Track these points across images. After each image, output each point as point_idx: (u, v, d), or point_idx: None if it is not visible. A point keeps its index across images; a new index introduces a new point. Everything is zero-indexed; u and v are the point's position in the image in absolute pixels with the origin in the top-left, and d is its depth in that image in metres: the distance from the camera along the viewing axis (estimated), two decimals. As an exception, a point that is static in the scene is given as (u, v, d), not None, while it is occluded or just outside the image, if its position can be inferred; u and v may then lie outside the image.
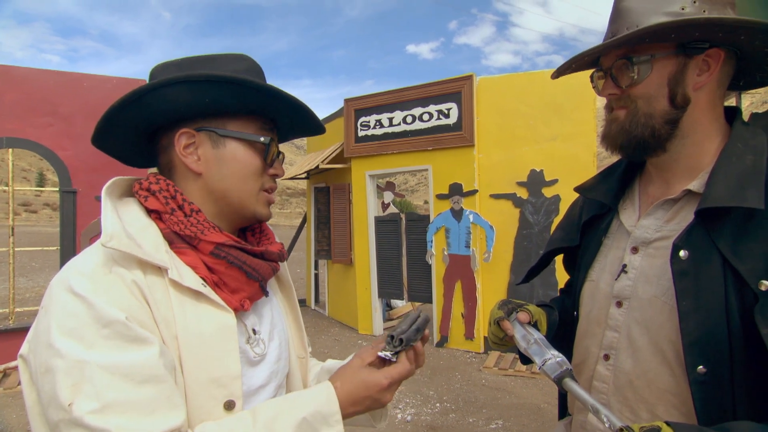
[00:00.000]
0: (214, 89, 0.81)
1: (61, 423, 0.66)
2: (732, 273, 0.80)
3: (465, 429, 3.91)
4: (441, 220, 6.18)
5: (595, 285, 1.04)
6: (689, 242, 0.85)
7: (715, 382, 0.80)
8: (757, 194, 0.79)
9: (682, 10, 0.85)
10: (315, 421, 0.77)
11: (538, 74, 5.75)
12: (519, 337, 1.00)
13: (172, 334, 0.75)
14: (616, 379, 0.96)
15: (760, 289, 0.76)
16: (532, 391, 4.70)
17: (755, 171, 0.83)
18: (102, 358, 0.68)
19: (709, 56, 0.87)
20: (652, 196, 1.00)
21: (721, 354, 0.80)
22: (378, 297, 6.95)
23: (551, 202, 5.56)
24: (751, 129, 0.91)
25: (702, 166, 0.92)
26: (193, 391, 0.76)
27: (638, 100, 0.91)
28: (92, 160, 5.44)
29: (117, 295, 0.72)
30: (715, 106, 0.92)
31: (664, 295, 0.89)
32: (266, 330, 0.92)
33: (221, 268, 0.83)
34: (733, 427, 0.72)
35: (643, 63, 0.88)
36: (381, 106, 6.55)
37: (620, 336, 0.96)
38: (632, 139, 0.92)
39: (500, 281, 5.79)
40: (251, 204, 0.89)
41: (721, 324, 0.80)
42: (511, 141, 5.75)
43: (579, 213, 1.17)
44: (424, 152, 6.28)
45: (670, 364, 0.87)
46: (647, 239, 0.96)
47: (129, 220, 0.80)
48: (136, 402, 0.68)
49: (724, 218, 0.83)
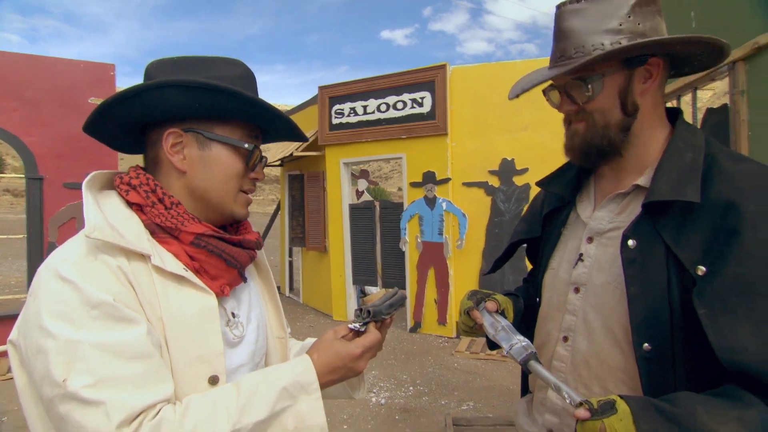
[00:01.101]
0: (208, 95, 0.84)
1: (56, 398, 0.70)
2: (674, 260, 0.88)
3: (438, 411, 4.03)
4: (415, 207, 6.26)
5: (555, 273, 1.12)
6: (637, 232, 0.93)
7: (659, 358, 0.89)
8: (695, 189, 0.88)
9: (620, 26, 0.93)
10: (294, 390, 0.83)
11: (510, 64, 5.85)
12: (487, 325, 1.07)
13: (157, 316, 0.80)
14: (573, 358, 1.04)
15: (697, 273, 0.85)
16: (501, 374, 4.86)
17: (694, 168, 0.91)
18: (92, 337, 0.72)
19: (650, 65, 0.96)
20: (605, 191, 1.08)
21: (663, 333, 0.88)
22: (352, 284, 7.02)
23: (522, 191, 5.70)
24: (691, 128, 0.99)
25: (648, 162, 1.00)
26: (178, 368, 0.80)
27: (595, 114, 0.98)
28: (59, 147, 5.33)
29: (103, 279, 0.76)
30: (658, 107, 1.01)
31: (615, 281, 0.97)
32: (244, 313, 0.98)
33: (202, 256, 0.87)
34: (676, 397, 0.80)
35: (595, 81, 0.96)
36: (355, 94, 6.56)
37: (577, 319, 1.04)
38: (593, 149, 1.00)
39: (472, 268, 5.92)
40: (229, 204, 0.93)
41: (664, 306, 0.88)
42: (483, 130, 5.85)
43: (540, 206, 1.25)
44: (398, 140, 6.33)
45: (620, 343, 0.95)
46: (601, 230, 1.04)
47: (110, 211, 0.84)
48: (127, 376, 0.73)
49: (667, 210, 0.91)
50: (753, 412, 0.75)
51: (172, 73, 0.88)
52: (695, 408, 0.76)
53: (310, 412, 0.83)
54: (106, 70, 5.77)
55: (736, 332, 0.78)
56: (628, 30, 0.93)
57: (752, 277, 0.80)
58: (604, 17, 0.94)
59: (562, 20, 0.99)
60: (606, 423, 0.74)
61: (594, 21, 0.94)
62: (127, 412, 0.70)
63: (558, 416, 1.07)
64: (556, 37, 1.00)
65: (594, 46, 0.93)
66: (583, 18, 0.96)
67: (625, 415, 0.75)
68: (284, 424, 0.81)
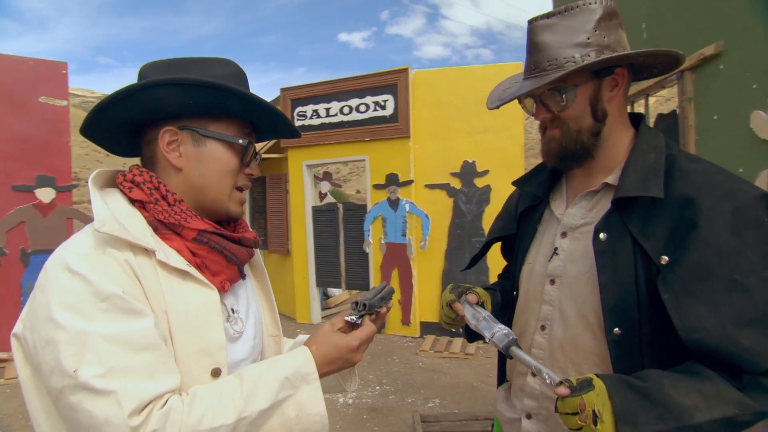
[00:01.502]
0: (202, 93, 0.87)
1: (66, 388, 0.72)
2: (640, 250, 0.97)
3: (405, 409, 4.09)
4: (378, 209, 6.32)
5: (532, 266, 1.20)
6: (607, 226, 1.02)
7: (628, 341, 0.97)
8: (659, 186, 0.97)
9: (588, 39, 1.01)
10: (295, 380, 0.86)
11: (470, 69, 6.00)
12: (469, 316, 1.13)
13: (162, 309, 0.82)
14: (551, 345, 1.12)
15: (660, 263, 0.94)
16: (465, 371, 4.98)
17: (656, 167, 1.00)
18: (102, 328, 0.74)
19: (616, 75, 1.05)
20: (576, 189, 1.17)
21: (632, 317, 0.97)
22: (316, 286, 7.01)
23: (483, 192, 5.85)
24: (652, 132, 1.09)
25: (616, 163, 1.09)
26: (182, 360, 0.83)
27: (569, 121, 1.07)
28: (7, 148, 5.09)
29: (112, 272, 0.78)
30: (623, 112, 1.11)
31: (588, 272, 1.05)
32: (243, 309, 1.00)
33: (204, 252, 0.90)
34: (645, 374, 0.89)
35: (569, 91, 1.04)
36: (318, 96, 6.56)
37: (554, 309, 1.12)
38: (568, 153, 1.09)
39: (435, 268, 6.03)
40: (224, 201, 0.96)
41: (632, 293, 0.97)
42: (445, 133, 5.98)
43: (515, 205, 1.33)
44: (361, 143, 6.38)
45: (593, 329, 1.04)
46: (574, 225, 1.12)
47: (115, 208, 0.86)
48: (137, 367, 0.74)
49: (634, 206, 1.00)
50: (711, 384, 0.85)
51: (165, 73, 0.90)
52: (662, 383, 0.85)
53: (310, 401, 0.86)
54: (57, 69, 5.55)
55: (696, 313, 0.88)
56: (596, 43, 1.01)
57: (709, 264, 0.89)
58: (573, 32, 1.02)
59: (534, 35, 1.06)
60: (585, 398, 0.81)
61: (564, 35, 1.02)
62: (137, 401, 0.72)
63: (536, 400, 1.15)
64: (530, 50, 1.08)
65: (566, 58, 1.01)
66: (554, 33, 1.03)
67: (601, 390, 0.83)
68: (286, 412, 0.84)
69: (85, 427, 0.72)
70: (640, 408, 0.82)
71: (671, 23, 2.54)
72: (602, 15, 1.02)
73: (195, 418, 0.76)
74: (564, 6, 1.03)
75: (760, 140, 1.95)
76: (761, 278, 0.87)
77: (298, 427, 0.85)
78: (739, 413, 0.82)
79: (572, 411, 0.82)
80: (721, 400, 0.83)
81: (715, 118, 2.26)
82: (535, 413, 1.15)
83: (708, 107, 2.31)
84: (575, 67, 0.99)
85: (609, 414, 0.82)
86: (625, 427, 0.81)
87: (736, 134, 2.10)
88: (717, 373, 0.86)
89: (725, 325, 0.86)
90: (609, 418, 0.81)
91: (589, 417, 0.80)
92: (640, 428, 0.81)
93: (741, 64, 2.08)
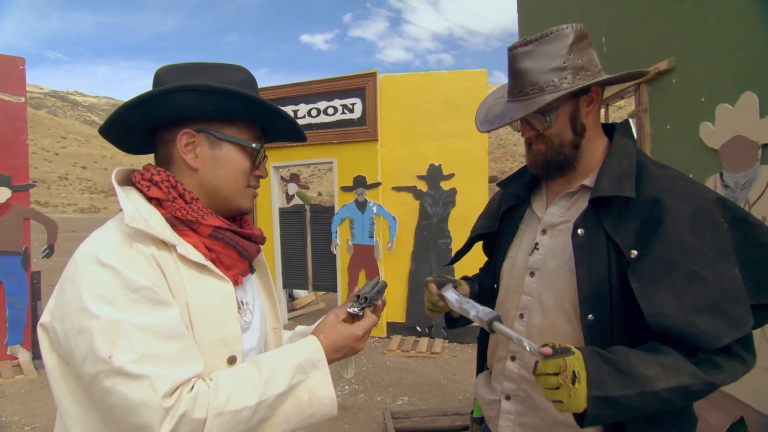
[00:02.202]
0: (221, 99, 0.92)
1: (101, 374, 0.76)
2: (612, 245, 1.09)
3: (374, 407, 4.17)
4: (345, 211, 6.38)
5: (513, 261, 1.31)
6: (584, 223, 1.14)
7: (601, 326, 1.09)
8: (631, 187, 1.09)
9: (564, 64, 1.12)
10: (307, 366, 0.93)
11: (438, 75, 6.16)
12: (453, 300, 1.22)
13: (183, 301, 0.87)
14: (529, 332, 1.22)
15: (630, 257, 1.06)
16: (432, 370, 5.10)
17: (629, 171, 1.13)
18: (133, 318, 0.79)
19: (592, 92, 1.17)
20: (556, 191, 1.29)
21: (605, 305, 1.09)
22: (282, 288, 7.01)
23: (448, 195, 6.01)
24: (624, 140, 1.22)
25: (592, 167, 1.21)
26: (202, 349, 0.88)
27: (552, 137, 1.18)
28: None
29: (140, 265, 0.83)
30: (597, 123, 1.23)
31: (566, 264, 1.17)
32: (251, 302, 1.07)
33: (218, 248, 0.96)
34: (614, 348, 1.01)
35: (552, 113, 1.15)
36: (286, 99, 6.57)
37: (532, 299, 1.23)
38: (552, 164, 1.20)
39: (402, 269, 6.15)
40: (238, 198, 1.02)
41: (605, 283, 1.09)
42: (412, 136, 6.11)
43: (498, 205, 1.44)
44: (329, 145, 6.43)
45: (569, 316, 1.15)
46: (553, 223, 1.24)
47: (137, 204, 0.91)
48: (167, 354, 0.80)
49: (609, 205, 1.12)
50: (670, 358, 0.98)
51: (183, 78, 0.95)
52: (628, 356, 0.98)
53: (320, 385, 0.94)
54: (14, 64, 5.36)
55: (661, 300, 1.00)
56: (571, 66, 1.12)
57: (672, 258, 1.02)
58: (549, 58, 1.12)
59: (515, 62, 1.16)
60: (567, 360, 0.93)
61: (542, 61, 1.13)
62: (169, 385, 0.78)
63: (515, 382, 1.25)
64: (512, 76, 1.18)
65: (546, 83, 1.12)
66: (533, 59, 1.13)
67: (578, 357, 0.95)
68: (299, 395, 0.91)
69: (120, 410, 0.77)
70: (608, 376, 0.95)
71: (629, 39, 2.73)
72: (574, 39, 1.13)
73: (221, 401, 0.82)
74: (539, 33, 1.13)
75: (708, 149, 2.14)
76: (716, 271, 1.00)
77: (310, 410, 0.92)
78: (692, 383, 0.96)
79: (554, 371, 0.93)
80: (678, 371, 0.96)
81: (669, 127, 2.45)
82: (513, 394, 1.26)
83: (662, 117, 2.50)
84: (558, 94, 1.10)
85: (583, 378, 0.93)
86: (595, 391, 0.93)
87: (687, 143, 2.29)
88: (676, 350, 0.99)
89: (686, 312, 0.98)
90: (583, 381, 0.93)
91: (569, 377, 0.92)
92: (607, 392, 0.93)
93: (691, 79, 2.27)
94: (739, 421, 1.96)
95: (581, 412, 0.94)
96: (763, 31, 1.83)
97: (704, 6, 2.15)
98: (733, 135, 1.99)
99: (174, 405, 0.78)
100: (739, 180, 1.97)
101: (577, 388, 0.92)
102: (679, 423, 1.10)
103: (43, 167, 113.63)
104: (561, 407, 0.94)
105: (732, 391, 1.98)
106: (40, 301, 5.35)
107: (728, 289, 0.99)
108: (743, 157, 1.94)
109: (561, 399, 0.93)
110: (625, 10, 2.78)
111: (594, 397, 0.92)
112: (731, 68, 2.01)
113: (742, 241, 1.03)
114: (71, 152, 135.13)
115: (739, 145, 1.96)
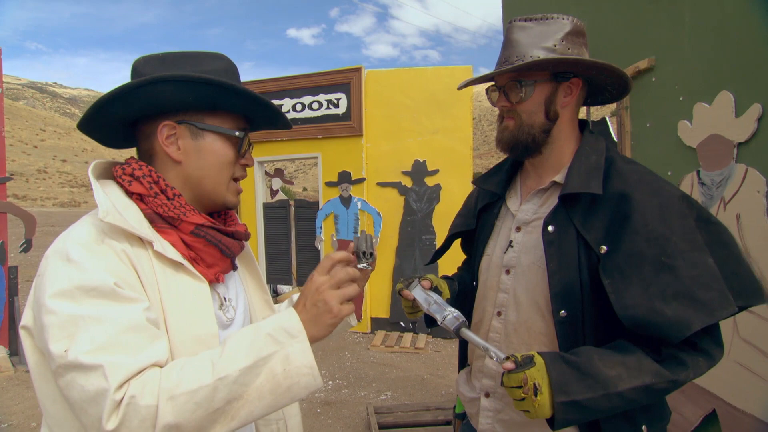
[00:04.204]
0: (201, 89, 0.90)
1: (60, 369, 0.75)
2: (582, 241, 1.10)
3: (358, 402, 4.18)
4: (330, 206, 6.37)
5: (490, 258, 1.31)
6: (554, 219, 1.14)
7: (572, 321, 1.10)
8: (598, 184, 1.10)
9: (554, 46, 1.14)
10: (280, 336, 0.83)
11: (422, 70, 6.16)
12: (421, 300, 1.20)
13: (157, 299, 0.86)
14: (506, 329, 1.23)
15: (600, 252, 1.07)
16: (415, 365, 5.13)
17: (597, 167, 1.14)
18: (92, 312, 0.77)
19: (572, 83, 1.18)
20: (529, 187, 1.29)
21: (576, 300, 1.10)
22: (266, 283, 6.95)
23: (433, 191, 6.03)
24: (594, 136, 1.23)
25: (563, 163, 1.22)
26: (178, 347, 0.87)
27: (523, 114, 1.19)
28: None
29: (109, 261, 0.82)
30: (574, 119, 1.24)
31: (538, 262, 1.17)
32: (234, 298, 1.06)
33: (200, 245, 0.94)
34: (578, 350, 1.02)
35: (528, 86, 1.16)
36: (270, 93, 6.51)
37: (509, 296, 1.24)
38: (519, 144, 1.20)
39: (386, 265, 6.15)
40: (222, 192, 1.00)
41: (575, 278, 1.10)
42: (397, 132, 6.11)
43: (475, 202, 1.45)
44: (313, 140, 6.40)
45: (543, 312, 1.16)
46: (527, 220, 1.25)
47: (114, 199, 0.89)
48: (124, 343, 0.77)
49: (578, 201, 1.13)
50: (633, 357, 0.99)
51: (161, 68, 0.93)
52: (592, 357, 0.99)
53: (296, 354, 0.83)
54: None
55: (630, 293, 1.01)
56: (560, 51, 1.13)
57: (640, 250, 1.03)
58: (543, 37, 1.14)
59: (510, 32, 1.18)
60: (527, 373, 0.94)
61: (535, 38, 1.14)
62: (122, 374, 0.74)
63: (494, 380, 1.26)
64: (504, 45, 1.19)
65: (532, 57, 1.13)
66: (527, 34, 1.15)
67: (541, 366, 0.96)
68: (273, 369, 0.82)
69: (79, 403, 0.75)
70: (572, 379, 0.96)
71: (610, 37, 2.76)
72: (571, 30, 1.15)
73: (172, 383, 0.76)
74: (541, 14, 1.16)
75: (686, 147, 2.17)
76: (686, 258, 1.00)
77: (287, 382, 0.82)
78: (656, 381, 0.97)
79: (516, 384, 0.94)
80: (641, 371, 0.97)
81: (648, 125, 2.48)
82: (492, 392, 1.27)
83: (642, 115, 2.53)
84: (536, 60, 1.11)
85: (546, 386, 0.94)
86: (560, 396, 0.94)
87: (666, 141, 2.33)
88: (640, 349, 1.01)
89: (653, 301, 0.99)
90: (547, 390, 0.94)
91: (530, 390, 0.92)
92: (572, 396, 0.94)
93: (670, 78, 2.30)
94: (712, 413, 2.00)
95: (549, 417, 0.95)
96: (740, 31, 1.86)
97: (683, 6, 2.18)
98: (709, 134, 2.02)
99: (124, 394, 0.74)
100: (715, 178, 2.00)
101: (539, 399, 0.93)
102: (652, 417, 1.12)
103: (21, 160, 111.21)
104: (529, 416, 0.95)
105: (705, 384, 2.03)
106: (17, 297, 5.26)
107: (698, 275, 0.99)
108: (719, 155, 1.97)
109: (527, 409, 0.94)
110: (605, 9, 2.81)
111: (560, 402, 0.94)
112: (708, 68, 2.04)
113: (709, 239, 1.05)
114: (50, 145, 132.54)
115: (716, 143, 1.99)
